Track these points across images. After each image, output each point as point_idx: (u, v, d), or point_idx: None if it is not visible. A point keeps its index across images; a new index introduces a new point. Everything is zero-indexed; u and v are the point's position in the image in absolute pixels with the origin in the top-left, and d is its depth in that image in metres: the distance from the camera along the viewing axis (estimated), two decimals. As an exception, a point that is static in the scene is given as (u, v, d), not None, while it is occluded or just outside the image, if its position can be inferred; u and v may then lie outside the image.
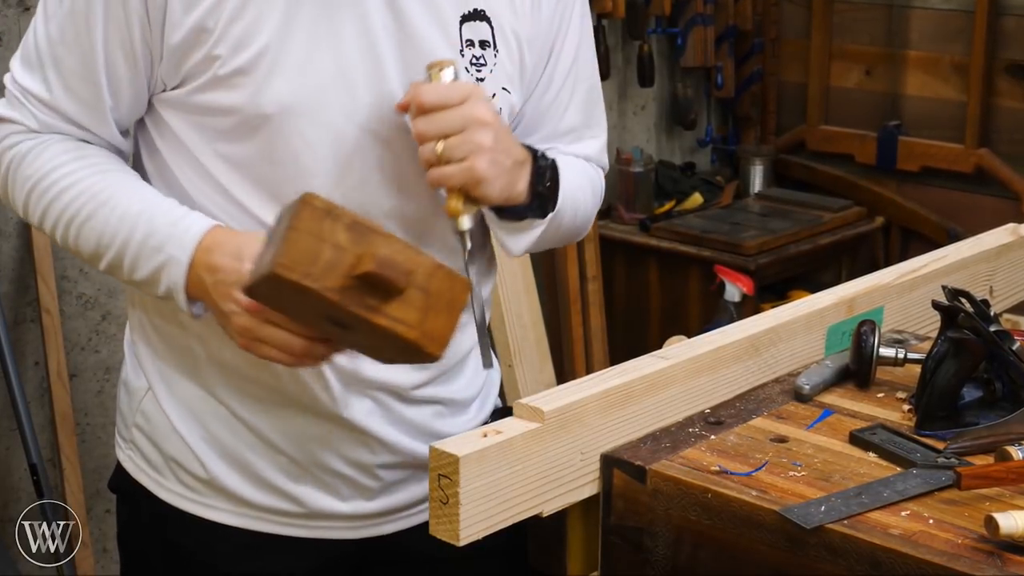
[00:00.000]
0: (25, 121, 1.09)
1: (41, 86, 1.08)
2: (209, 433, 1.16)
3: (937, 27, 3.10)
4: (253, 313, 0.99)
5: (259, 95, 1.04)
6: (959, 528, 0.95)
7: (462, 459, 0.97)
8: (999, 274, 1.48)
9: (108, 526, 2.34)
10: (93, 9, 1.04)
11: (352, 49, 1.06)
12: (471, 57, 1.11)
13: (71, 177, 1.07)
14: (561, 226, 1.16)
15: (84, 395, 2.29)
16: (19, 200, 1.10)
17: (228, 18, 1.03)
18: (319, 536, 1.18)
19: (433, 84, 1.03)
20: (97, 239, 1.06)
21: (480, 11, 1.10)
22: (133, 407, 1.19)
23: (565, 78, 1.19)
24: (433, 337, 0.91)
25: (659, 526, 1.03)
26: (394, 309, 0.89)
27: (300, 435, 1.15)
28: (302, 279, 0.88)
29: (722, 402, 1.17)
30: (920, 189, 3.16)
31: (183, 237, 1.04)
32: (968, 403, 1.13)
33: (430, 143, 1.03)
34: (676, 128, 3.34)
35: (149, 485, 1.19)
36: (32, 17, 1.10)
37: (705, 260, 2.92)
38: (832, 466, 1.05)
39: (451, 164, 1.02)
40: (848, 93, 3.27)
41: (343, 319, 0.91)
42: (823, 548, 0.95)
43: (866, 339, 1.19)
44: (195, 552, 1.19)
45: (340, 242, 0.89)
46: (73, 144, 1.09)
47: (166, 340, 1.16)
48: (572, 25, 1.18)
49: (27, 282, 2.19)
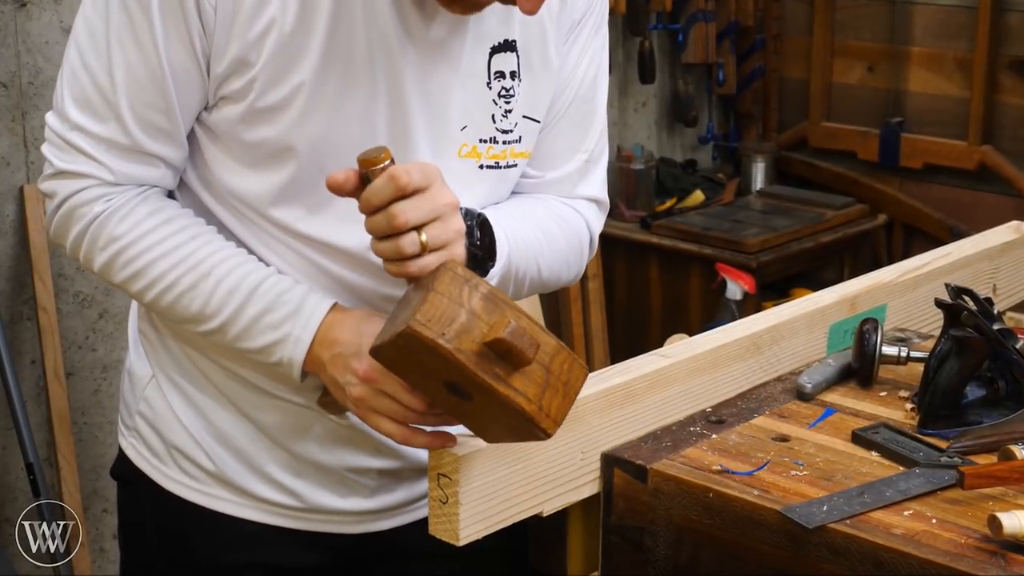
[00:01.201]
0: (98, 174, 1.06)
1: (118, 130, 1.04)
2: (211, 423, 1.16)
3: (940, 23, 3.09)
4: (369, 383, 1.00)
5: (289, 133, 1.04)
6: (962, 528, 0.95)
7: (462, 458, 0.97)
8: (1002, 272, 1.48)
9: (105, 525, 2.34)
10: (155, 35, 1.01)
11: (381, 92, 1.05)
12: (500, 89, 1.10)
13: (165, 244, 1.06)
14: (521, 281, 1.14)
15: (81, 394, 2.29)
16: (98, 261, 1.08)
17: (269, 53, 1.02)
18: (319, 529, 1.18)
19: (412, 165, 0.96)
20: (200, 308, 1.06)
21: (511, 42, 1.10)
22: (136, 395, 1.20)
23: (571, 101, 1.17)
24: (548, 414, 0.92)
25: (660, 526, 1.03)
26: (516, 381, 0.90)
27: (300, 433, 1.15)
28: (437, 338, 0.89)
29: (723, 401, 1.17)
30: (923, 186, 3.15)
31: (308, 317, 1.05)
32: (971, 402, 1.12)
33: (411, 234, 0.95)
34: (677, 125, 3.34)
35: (151, 473, 1.19)
36: (30, 17, 1.09)
37: (706, 258, 2.92)
38: (834, 465, 1.05)
39: (433, 254, 0.96)
40: (850, 90, 3.26)
41: (465, 386, 0.92)
42: (825, 548, 0.95)
43: (868, 337, 1.19)
44: (195, 541, 1.19)
45: (475, 309, 0.90)
46: (156, 205, 1.07)
47: (170, 329, 1.16)
48: (592, 47, 1.17)
49: (24, 280, 2.19)
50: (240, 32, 1.01)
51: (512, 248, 1.10)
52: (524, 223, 1.14)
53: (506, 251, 1.09)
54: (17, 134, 2.15)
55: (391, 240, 0.96)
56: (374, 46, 1.04)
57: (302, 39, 1.02)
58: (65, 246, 1.10)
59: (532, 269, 1.15)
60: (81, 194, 1.06)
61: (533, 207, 1.18)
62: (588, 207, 1.22)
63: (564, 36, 1.14)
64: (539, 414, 0.90)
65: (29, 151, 2.17)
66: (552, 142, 1.18)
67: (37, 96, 2.16)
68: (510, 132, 1.12)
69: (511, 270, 1.11)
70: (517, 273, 1.13)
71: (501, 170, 1.13)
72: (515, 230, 1.12)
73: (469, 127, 1.10)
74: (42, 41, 2.14)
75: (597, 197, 1.23)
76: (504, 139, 1.11)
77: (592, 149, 1.21)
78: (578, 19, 1.15)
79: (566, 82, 1.16)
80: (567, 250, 1.19)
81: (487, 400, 0.91)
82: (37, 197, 2.14)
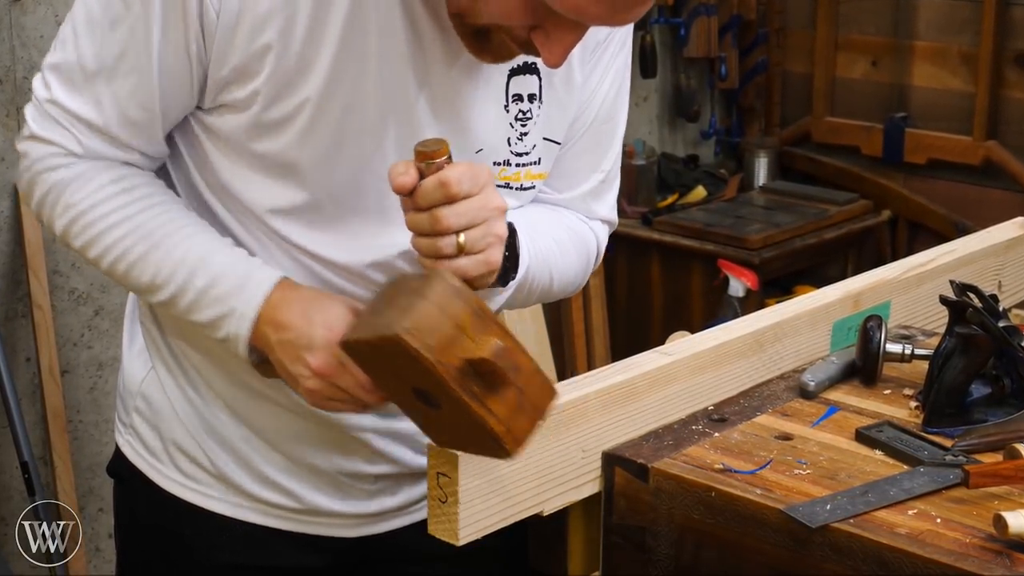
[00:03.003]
0: (67, 144, 1.06)
1: (92, 110, 1.04)
2: (207, 422, 1.15)
3: (945, 17, 3.08)
4: (324, 378, 1.00)
5: (293, 148, 1.04)
6: (967, 527, 0.95)
7: (461, 457, 0.97)
8: (1008, 268, 1.48)
9: (101, 525, 2.33)
10: (151, 29, 1.00)
11: (391, 112, 1.04)
12: (517, 112, 1.09)
13: (120, 213, 1.05)
14: (532, 291, 1.14)
15: (76, 392, 2.28)
16: (58, 226, 1.08)
17: (272, 68, 1.00)
18: (317, 532, 1.18)
19: (462, 167, 0.96)
20: (151, 278, 1.06)
21: (531, 65, 1.08)
22: (133, 391, 1.19)
23: (592, 121, 1.16)
24: (516, 436, 0.92)
25: (661, 525, 1.03)
26: (491, 401, 0.90)
27: (294, 437, 1.14)
28: (422, 349, 0.88)
29: (726, 399, 1.16)
30: (927, 182, 3.14)
31: (252, 293, 1.04)
32: (976, 400, 1.12)
33: (450, 236, 0.95)
34: (679, 120, 3.33)
35: (148, 471, 1.18)
36: (24, 11, 1.08)
37: (708, 254, 2.91)
38: (838, 464, 1.04)
39: (468, 257, 0.96)
40: (854, 84, 3.25)
41: (438, 397, 0.92)
42: (828, 548, 0.94)
43: (872, 335, 1.18)
44: (191, 541, 1.18)
45: (463, 323, 0.90)
46: (119, 173, 1.07)
47: (167, 324, 1.16)
48: (616, 65, 1.16)
49: (18, 277, 2.19)
50: (243, 43, 1.00)
51: (532, 259, 1.10)
52: (542, 233, 1.14)
53: (527, 262, 1.09)
54: (11, 129, 2.14)
55: (430, 239, 0.96)
56: (386, 66, 1.02)
57: (311, 54, 1.00)
58: (32, 207, 1.11)
59: (545, 279, 1.15)
60: (49, 159, 1.07)
61: (550, 217, 1.17)
62: (600, 225, 1.23)
63: (590, 53, 1.13)
64: (507, 435, 0.90)
65: (25, 146, 2.16)
66: (571, 161, 1.17)
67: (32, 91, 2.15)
68: (526, 155, 1.11)
69: (527, 279, 1.11)
70: (532, 283, 1.13)
71: (512, 191, 1.11)
72: (534, 239, 1.12)
73: (485, 150, 1.08)
74: (37, 35, 2.13)
75: (609, 218, 1.24)
76: (518, 161, 1.11)
77: (609, 170, 1.21)
78: (603, 38, 1.13)
79: (588, 101, 1.15)
80: (576, 263, 1.19)
81: (456, 413, 0.91)
82: (33, 194, 2.14)
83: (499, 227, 0.98)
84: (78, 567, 2.14)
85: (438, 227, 0.95)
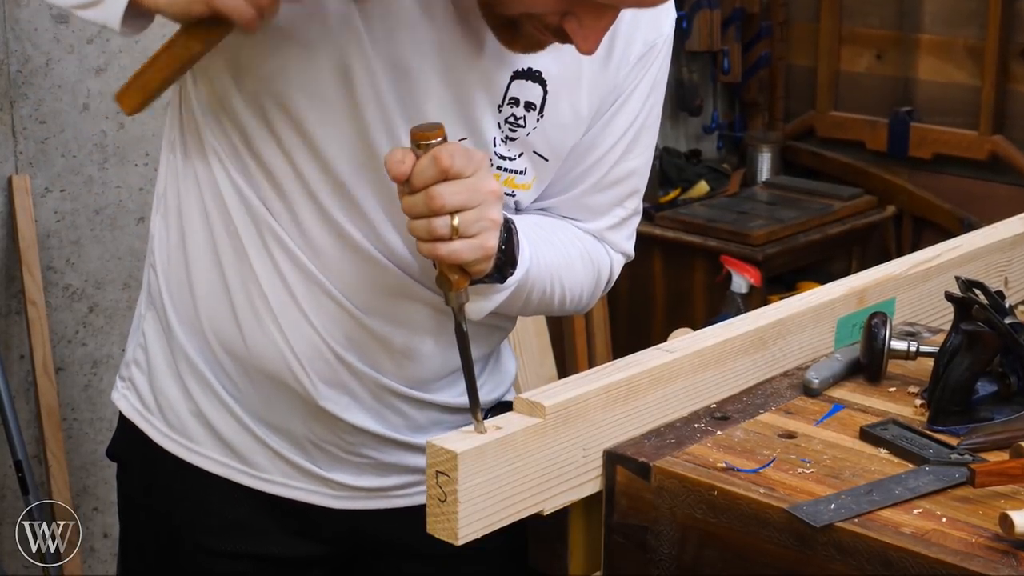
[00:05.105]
0: None
1: None
2: (187, 361, 1.16)
3: (950, 10, 3.07)
4: None
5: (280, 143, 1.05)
6: (973, 526, 0.94)
7: (460, 455, 0.96)
8: (1014, 264, 1.47)
9: (96, 524, 2.34)
10: None
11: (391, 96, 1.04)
12: (508, 115, 1.08)
13: None
14: (531, 299, 1.13)
15: (71, 389, 2.28)
16: None
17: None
18: (302, 499, 1.17)
19: (455, 146, 0.97)
20: None
21: (536, 72, 1.08)
22: (136, 336, 1.20)
23: (620, 158, 1.16)
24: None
25: (663, 524, 1.02)
26: None
27: (277, 407, 1.15)
28: None
29: (728, 397, 1.16)
30: (933, 177, 3.13)
31: None
32: (982, 398, 1.11)
33: (444, 217, 0.96)
34: (681, 114, 3.32)
35: (142, 426, 1.19)
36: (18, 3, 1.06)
37: (711, 250, 2.90)
38: (842, 463, 1.04)
39: (462, 240, 0.97)
40: (858, 78, 3.24)
41: None
42: (833, 547, 0.94)
43: (877, 332, 1.18)
44: (184, 531, 1.19)
45: None
46: None
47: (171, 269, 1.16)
48: (638, 92, 1.14)
49: (12, 273, 2.18)
50: None
51: (533, 264, 1.10)
52: (550, 243, 1.13)
53: (527, 263, 1.09)
54: (5, 123, 2.14)
55: (426, 220, 0.97)
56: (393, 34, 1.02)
57: None
58: None
59: (547, 288, 1.14)
60: None
61: (564, 232, 1.17)
62: (617, 256, 1.23)
63: (609, 87, 1.12)
64: None
65: (17, 141, 2.15)
66: (594, 195, 1.17)
67: (26, 84, 2.14)
68: (510, 160, 1.10)
69: (527, 284, 1.10)
70: (533, 289, 1.12)
71: None
72: (539, 246, 1.11)
73: (469, 142, 1.07)
74: (31, 28, 2.13)
75: (625, 250, 1.24)
76: (501, 164, 1.10)
77: (633, 207, 1.21)
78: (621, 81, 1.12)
79: (619, 135, 1.15)
80: (584, 280, 1.19)
81: None
82: (25, 188, 2.13)
83: (494, 212, 0.99)
84: (72, 567, 2.14)
85: (432, 205, 0.96)
